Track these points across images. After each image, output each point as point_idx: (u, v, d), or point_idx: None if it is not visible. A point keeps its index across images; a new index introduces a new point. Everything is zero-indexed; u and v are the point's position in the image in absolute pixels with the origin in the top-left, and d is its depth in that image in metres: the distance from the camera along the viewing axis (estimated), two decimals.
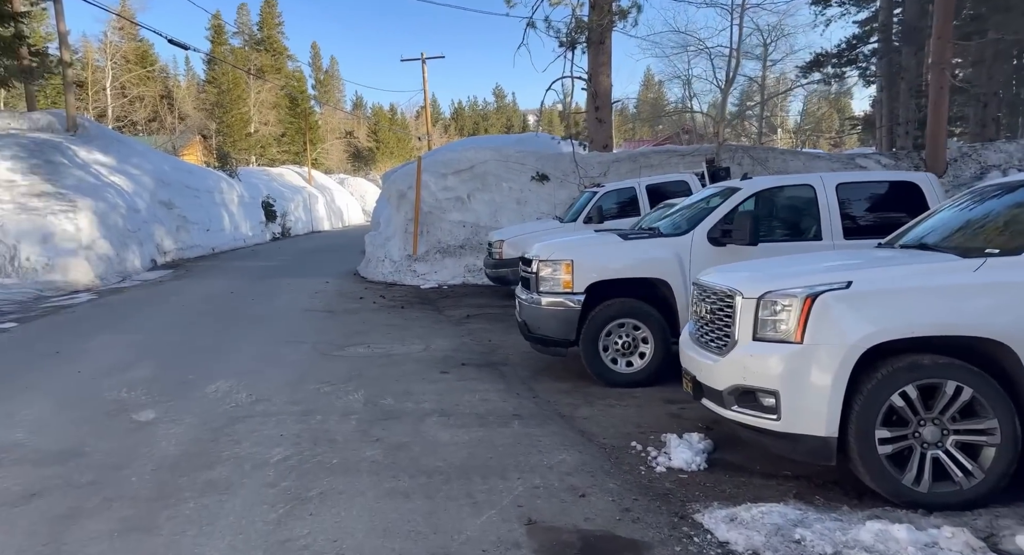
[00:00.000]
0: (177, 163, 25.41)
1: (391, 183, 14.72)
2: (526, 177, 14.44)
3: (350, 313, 10.26)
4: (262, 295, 12.48)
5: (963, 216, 4.11)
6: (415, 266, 14.15)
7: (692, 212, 6.26)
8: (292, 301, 11.59)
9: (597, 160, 14.32)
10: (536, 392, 5.70)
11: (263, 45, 61.54)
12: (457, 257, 14.07)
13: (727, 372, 3.73)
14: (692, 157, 13.77)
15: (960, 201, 4.25)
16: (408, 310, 10.55)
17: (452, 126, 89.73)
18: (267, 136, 54.56)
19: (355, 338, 8.24)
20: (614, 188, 11.23)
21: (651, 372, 5.76)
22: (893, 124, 18.16)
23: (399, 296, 12.21)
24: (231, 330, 8.96)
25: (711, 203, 6.15)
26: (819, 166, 13.66)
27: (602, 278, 5.78)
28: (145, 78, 45.17)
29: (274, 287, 13.65)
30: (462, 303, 11.34)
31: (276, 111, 56.32)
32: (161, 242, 20.39)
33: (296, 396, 5.57)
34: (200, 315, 10.35)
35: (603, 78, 14.81)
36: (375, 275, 14.58)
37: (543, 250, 6.13)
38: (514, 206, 14.39)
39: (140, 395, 5.69)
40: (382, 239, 15.27)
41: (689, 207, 6.46)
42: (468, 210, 14.40)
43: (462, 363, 6.74)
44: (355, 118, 74.60)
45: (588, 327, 5.78)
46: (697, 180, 10.95)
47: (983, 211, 4.02)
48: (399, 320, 9.58)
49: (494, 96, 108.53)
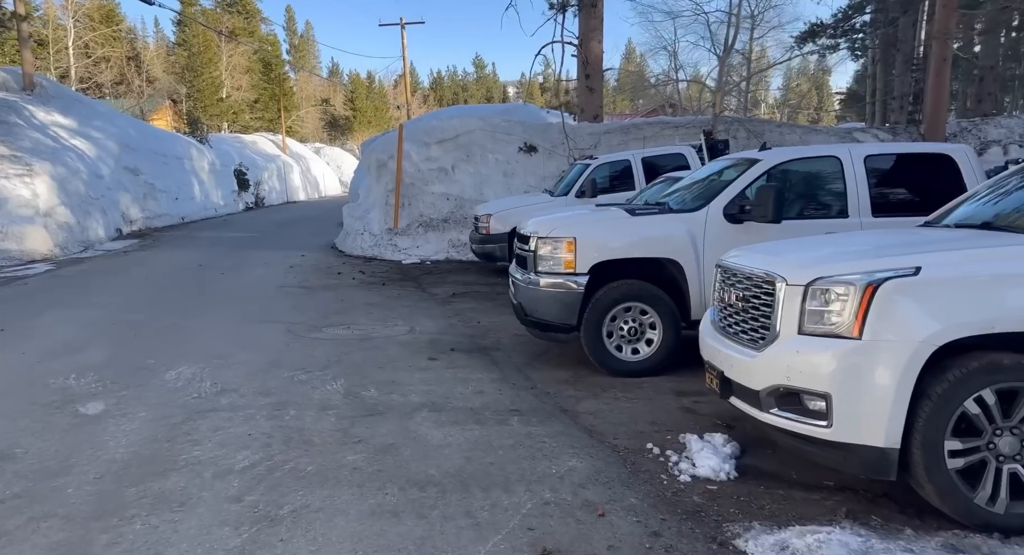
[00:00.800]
0: (144, 127, 24.19)
1: (371, 152, 13.98)
2: (513, 148, 13.79)
3: (328, 290, 9.63)
4: (233, 269, 11.77)
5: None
6: (396, 240, 13.51)
7: (705, 186, 5.73)
8: (265, 276, 10.91)
9: (587, 131, 13.71)
10: (534, 382, 5.19)
11: (235, 7, 59.16)
12: (440, 231, 13.45)
13: (766, 370, 3.24)
14: (686, 129, 13.22)
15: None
16: (390, 287, 9.96)
17: (431, 96, 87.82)
18: (240, 102, 52.70)
19: (333, 318, 7.64)
20: (608, 160, 10.66)
21: (659, 360, 5.28)
22: (887, 98, 17.75)
23: (379, 272, 11.59)
24: (198, 307, 8.30)
25: (725, 176, 5.62)
26: (816, 139, 13.19)
27: (607, 258, 5.25)
28: (111, 38, 43.09)
29: (246, 260, 12.92)
30: (447, 280, 10.76)
31: (249, 76, 54.40)
32: (127, 210, 19.40)
33: (268, 385, 5.00)
34: (165, 290, 9.65)
35: (594, 44, 14.11)
36: (354, 249, 13.91)
37: (542, 226, 5.57)
38: (501, 178, 13.76)
39: (90, 382, 5.06)
40: (361, 211, 14.56)
41: (701, 181, 5.93)
42: (452, 182, 13.74)
43: (451, 348, 6.20)
44: (331, 85, 72.59)
45: (591, 311, 5.27)
46: (695, 153, 10.44)
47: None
48: (380, 298, 8.99)
49: (474, 66, 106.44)
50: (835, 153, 5.28)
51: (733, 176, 5.39)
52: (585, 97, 14.31)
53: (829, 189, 5.32)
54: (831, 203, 5.29)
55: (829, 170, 5.29)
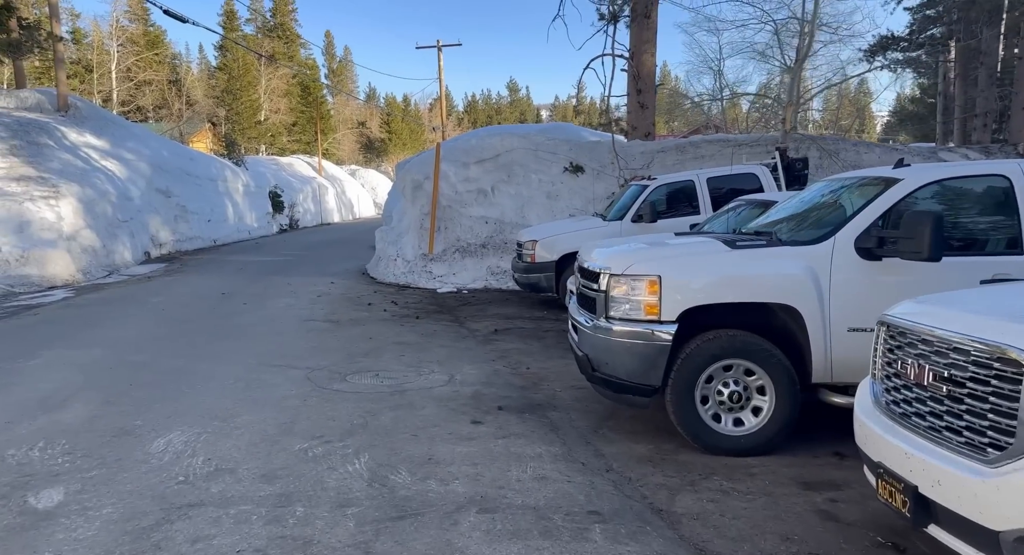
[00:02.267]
0: (177, 149, 23.91)
1: (406, 172, 13.11)
2: (558, 168, 12.77)
3: (356, 324, 8.66)
4: (257, 298, 10.91)
5: None
6: (431, 266, 12.54)
7: (819, 212, 4.59)
8: (290, 307, 10.00)
9: (639, 150, 12.63)
10: (608, 460, 4.06)
11: (276, 32, 60.13)
12: (478, 257, 12.45)
13: (1017, 500, 2.08)
14: (749, 147, 12.04)
15: None
16: (424, 322, 8.94)
17: (465, 119, 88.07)
18: (277, 124, 53.14)
19: (361, 361, 6.63)
20: (668, 181, 9.55)
21: (770, 435, 4.10)
22: (968, 116, 16.27)
23: (413, 302, 10.61)
24: (211, 346, 7.38)
25: (847, 199, 4.47)
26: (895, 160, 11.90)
27: (702, 302, 4.12)
28: (153, 62, 43.76)
29: (272, 287, 12.09)
30: (487, 313, 9.71)
31: (287, 99, 54.91)
32: (156, 233, 18.91)
33: (273, 463, 3.96)
34: (179, 323, 8.79)
35: (647, 58, 13.09)
36: (386, 275, 12.99)
37: (615, 260, 4.47)
38: (544, 200, 12.73)
39: (57, 455, 4.10)
40: (394, 235, 13.66)
41: (812, 205, 4.78)
42: (492, 204, 12.76)
43: (499, 406, 5.11)
44: (368, 108, 73.10)
45: (681, 369, 4.14)
46: (768, 173, 9.27)
47: None
48: (414, 336, 7.97)
49: (508, 90, 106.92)
50: (1001, 170, 4.09)
51: (863, 199, 4.23)
52: (636, 114, 13.26)
53: (993, 217, 4.12)
54: (996, 235, 4.09)
55: (993, 192, 4.10)
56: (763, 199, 6.87)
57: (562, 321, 8.99)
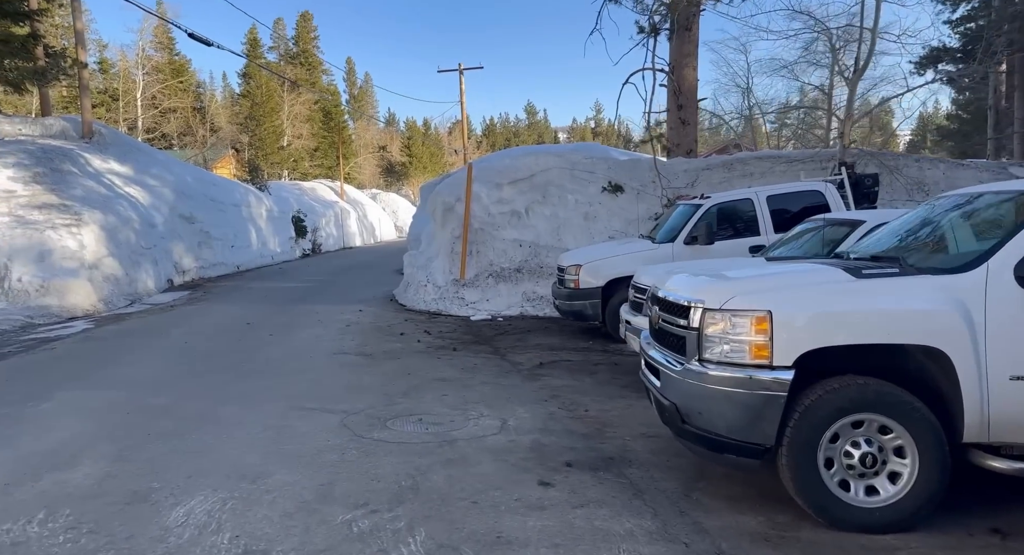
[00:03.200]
0: (201, 174, 23.74)
1: (436, 195, 12.57)
2: (595, 188, 12.15)
3: (390, 358, 8.02)
4: (284, 329, 10.35)
5: None
6: (463, 293, 11.92)
7: (957, 232, 3.88)
8: (318, 338, 9.41)
9: (682, 168, 11.97)
10: (714, 538, 3.35)
11: (298, 59, 60.96)
12: (513, 282, 11.81)
13: None
14: (802, 163, 11.33)
15: None
16: (463, 354, 8.29)
17: (484, 142, 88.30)
18: (300, 150, 53.41)
19: (400, 403, 5.97)
20: (724, 200, 8.86)
21: (912, 508, 3.36)
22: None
23: (447, 331, 9.97)
24: (236, 385, 6.78)
25: (989, 216, 3.77)
26: (965, 176, 11.13)
27: (825, 344, 3.42)
28: (177, 90, 44.25)
29: (299, 316, 11.54)
30: (527, 343, 9.04)
31: (310, 125, 55.30)
32: (180, 260, 18.56)
33: (313, 541, 3.30)
34: (203, 358, 8.22)
35: (688, 71, 12.51)
36: (415, 302, 12.39)
37: (710, 290, 3.79)
38: (581, 222, 12.10)
39: (59, 530, 3.47)
40: (424, 260, 13.09)
41: (939, 224, 4.07)
42: (526, 227, 12.15)
43: (567, 463, 4.41)
44: (388, 133, 73.55)
45: (800, 426, 3.43)
46: (834, 190, 8.55)
47: None
48: (454, 371, 7.30)
49: (525, 113, 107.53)
50: None
51: (1018, 217, 3.52)
52: (678, 130, 12.63)
53: None
54: None
55: None
56: (848, 218, 6.17)
57: (611, 353, 8.29)
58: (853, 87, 10.13)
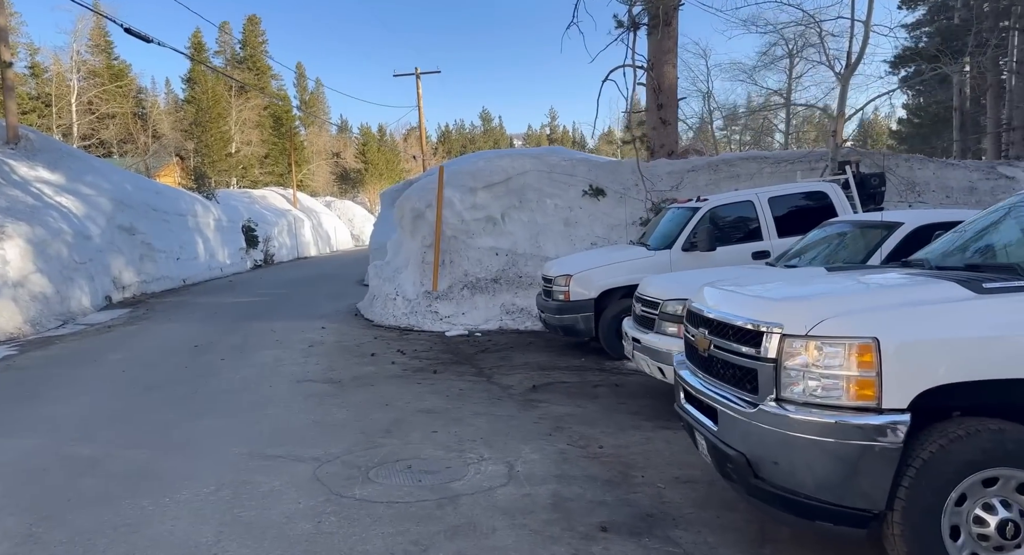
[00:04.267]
0: (142, 182, 22.15)
1: (404, 200, 11.64)
2: (576, 192, 11.42)
3: (363, 385, 7.07)
4: (237, 351, 9.26)
5: None
6: (437, 306, 11.01)
7: None
8: (278, 362, 8.38)
9: (666, 169, 11.35)
10: None
11: (246, 63, 58.85)
12: (490, 294, 10.96)
13: None
14: (791, 164, 10.85)
15: None
16: (444, 377, 7.40)
17: (440, 149, 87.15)
18: (249, 157, 51.47)
19: (383, 444, 5.06)
20: (723, 202, 8.22)
21: None
22: (1001, 130, 15.42)
23: (423, 350, 9.06)
24: (183, 426, 5.74)
25: None
26: (954, 175, 10.83)
27: (953, 380, 2.70)
28: (116, 95, 41.93)
29: (254, 336, 10.43)
30: (513, 362, 8.20)
31: (259, 131, 53.39)
32: (119, 275, 17.09)
33: None
34: (143, 391, 7.11)
35: (668, 69, 11.92)
36: (384, 317, 11.41)
37: (790, 309, 3.03)
38: (561, 228, 11.34)
39: None
40: (391, 271, 12.13)
41: None
42: (503, 234, 11.33)
43: (601, 527, 3.58)
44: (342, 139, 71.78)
45: (917, 485, 2.69)
46: (838, 190, 7.99)
47: None
48: (438, 399, 6.41)
49: (481, 119, 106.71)
50: None
51: None
52: (658, 131, 12.02)
53: None
54: None
55: None
56: (881, 220, 5.54)
57: (608, 372, 7.52)
58: (845, 83, 9.68)
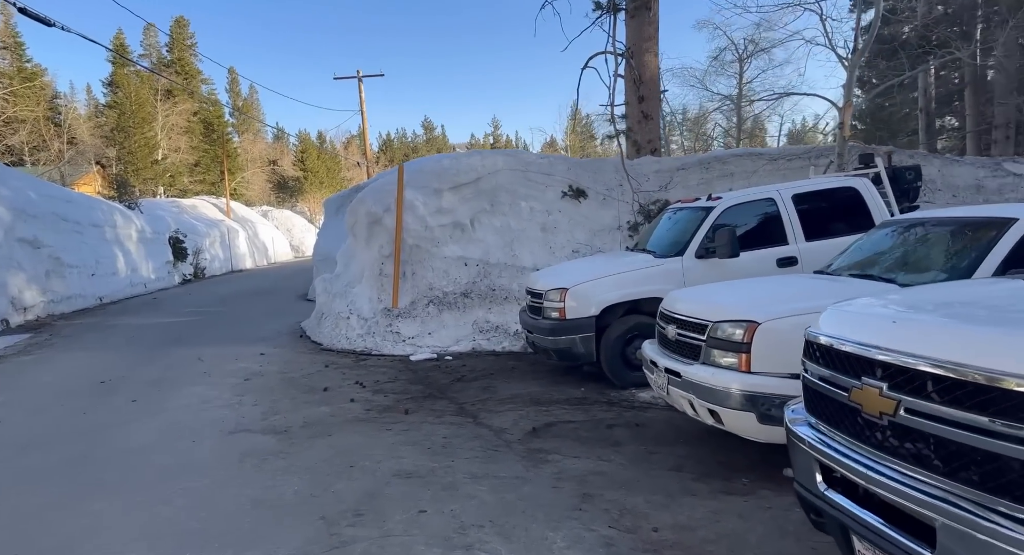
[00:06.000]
0: (50, 190, 19.63)
1: (358, 205, 10.08)
2: (554, 193, 10.12)
3: (317, 435, 5.52)
4: (153, 387, 7.51)
5: None
6: (398, 325, 9.48)
7: None
8: (204, 405, 6.71)
9: (653, 168, 10.18)
10: None
11: (173, 67, 55.47)
12: (460, 310, 9.52)
13: None
14: (787, 161, 9.87)
15: None
16: (419, 418, 5.92)
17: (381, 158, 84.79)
18: (178, 164, 48.25)
19: (352, 539, 3.56)
20: (740, 200, 7.05)
21: None
22: (984, 128, 15.10)
23: (387, 380, 7.54)
24: (64, 513, 4.08)
25: None
26: (959, 172, 10.11)
27: None
28: (26, 97, 38.38)
29: (177, 366, 8.67)
30: (499, 394, 6.79)
31: (188, 137, 50.18)
32: (19, 294, 14.80)
33: None
34: (17, 453, 5.35)
35: (649, 58, 10.81)
36: (335, 339, 9.79)
37: None
38: (538, 234, 10.01)
39: None
40: (342, 285, 10.52)
41: None
42: (472, 241, 9.91)
43: None
44: (278, 147, 68.73)
45: None
46: (870, 185, 6.95)
47: None
48: (418, 453, 4.94)
49: (423, 128, 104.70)
50: None
51: None
52: (640, 126, 10.88)
53: None
54: None
55: None
56: (985, 216, 4.42)
57: (619, 405, 6.21)
58: (853, 69, 8.76)
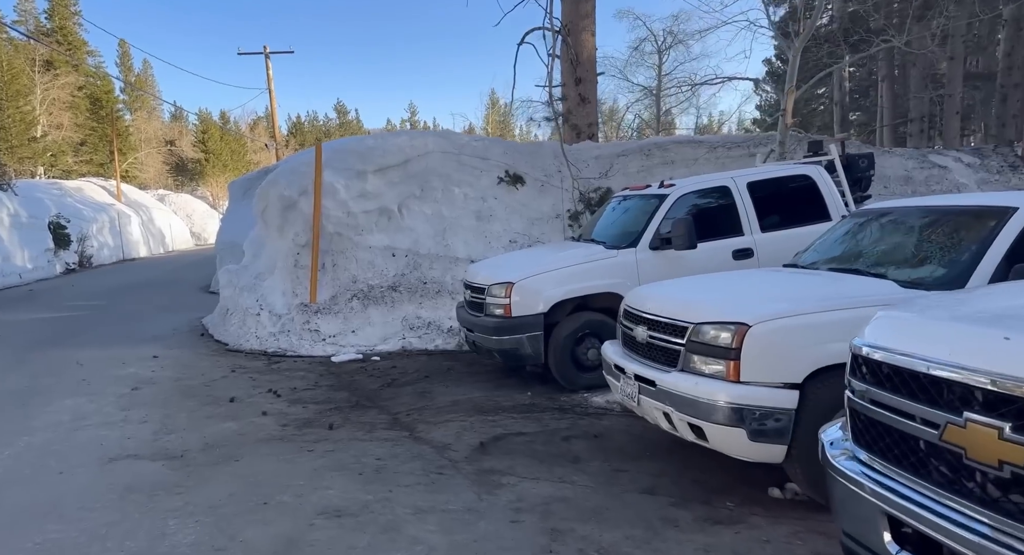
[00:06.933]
0: None
1: (269, 187, 8.97)
2: (490, 179, 9.41)
3: (221, 461, 4.59)
4: (19, 400, 6.26)
5: None
6: (317, 322, 8.51)
7: None
8: (80, 419, 5.58)
9: (593, 154, 9.65)
10: None
11: (54, 36, 50.33)
12: (388, 305, 8.66)
13: None
14: (727, 149, 9.61)
15: None
16: (347, 434, 5.10)
17: (292, 141, 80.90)
18: (60, 142, 43.87)
19: None
20: (696, 188, 6.61)
21: None
22: (898, 122, 15.63)
23: (305, 387, 6.63)
24: None
25: None
26: (891, 163, 10.15)
27: None
28: None
29: (49, 373, 7.36)
30: (436, 400, 6.06)
31: (72, 113, 45.75)
32: None
33: None
34: None
35: (587, 37, 10.25)
36: (243, 338, 8.71)
37: None
38: (473, 223, 9.28)
39: None
40: (250, 278, 9.40)
41: None
42: (401, 229, 9.06)
43: None
44: (177, 127, 64.09)
45: None
46: (824, 173, 6.68)
47: None
48: (347, 481, 4.14)
49: (336, 112, 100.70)
50: None
51: None
52: (577, 109, 10.32)
53: None
54: None
55: None
56: (983, 204, 4.10)
57: (572, 412, 5.62)
58: (796, 54, 8.55)
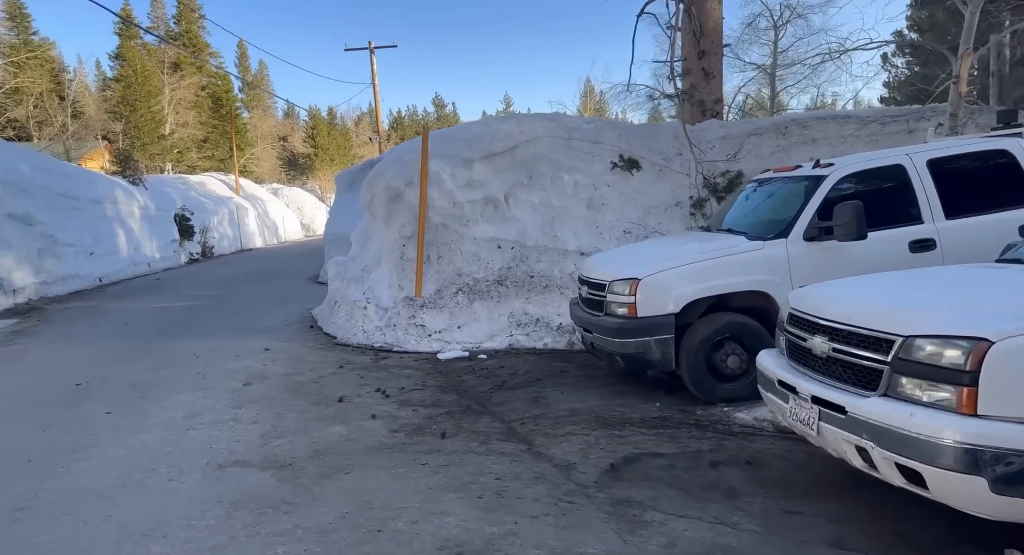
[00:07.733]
0: (45, 163, 18.40)
1: (376, 177, 8.71)
2: (602, 164, 8.70)
3: (331, 473, 4.22)
4: (137, 394, 6.26)
5: None
6: (422, 317, 8.17)
7: None
8: (193, 417, 5.44)
9: (719, 133, 8.71)
10: None
11: (180, 40, 53.90)
12: (494, 300, 8.19)
13: None
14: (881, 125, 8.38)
15: None
16: (460, 445, 4.62)
17: (392, 135, 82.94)
18: (185, 139, 46.97)
19: None
20: (860, 167, 5.64)
21: None
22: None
23: (413, 386, 6.25)
24: None
25: None
26: None
27: None
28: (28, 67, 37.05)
29: (168, 365, 7.42)
30: (551, 407, 5.49)
31: (196, 112, 48.83)
32: (8, 275, 13.66)
33: None
34: None
35: (712, 5, 9.29)
36: (351, 332, 8.51)
37: None
38: (583, 212, 8.62)
39: None
40: (357, 270, 9.21)
41: None
42: (507, 219, 8.54)
43: None
44: (289, 124, 67.25)
45: None
46: None
47: None
48: (466, 508, 3.64)
49: (434, 105, 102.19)
50: None
51: None
52: (701, 84, 9.40)
53: None
54: None
55: None
56: None
57: (713, 431, 4.88)
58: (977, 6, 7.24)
